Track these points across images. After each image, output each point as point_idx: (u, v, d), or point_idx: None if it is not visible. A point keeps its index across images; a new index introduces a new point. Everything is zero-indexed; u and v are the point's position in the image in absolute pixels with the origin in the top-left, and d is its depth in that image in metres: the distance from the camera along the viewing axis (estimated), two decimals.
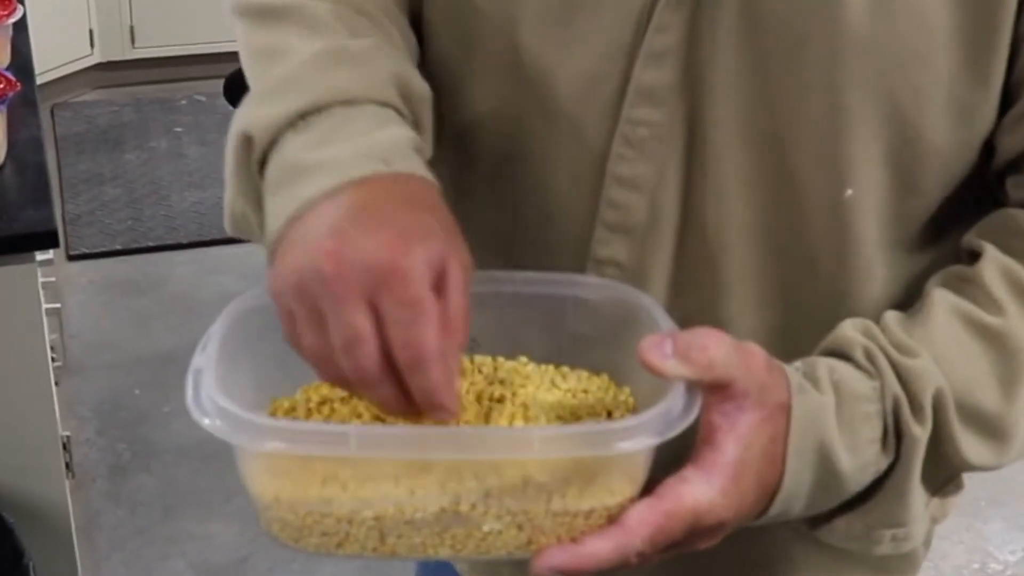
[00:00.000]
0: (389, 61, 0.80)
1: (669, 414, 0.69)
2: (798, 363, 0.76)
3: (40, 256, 1.78)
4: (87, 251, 3.68)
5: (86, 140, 4.31)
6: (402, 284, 0.66)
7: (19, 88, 1.80)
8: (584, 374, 0.80)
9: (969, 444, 0.77)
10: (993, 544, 2.75)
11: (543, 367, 0.80)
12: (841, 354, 0.78)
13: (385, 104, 0.78)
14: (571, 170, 0.86)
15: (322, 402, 0.75)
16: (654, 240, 0.85)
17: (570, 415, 0.76)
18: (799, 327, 0.83)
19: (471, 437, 0.70)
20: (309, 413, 0.75)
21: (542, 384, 0.78)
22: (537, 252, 0.90)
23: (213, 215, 3.86)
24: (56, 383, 2.52)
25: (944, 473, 0.80)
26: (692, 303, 0.86)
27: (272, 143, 0.75)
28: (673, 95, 0.81)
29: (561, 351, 0.81)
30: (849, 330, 0.78)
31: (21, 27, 2.23)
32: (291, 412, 0.75)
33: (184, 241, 3.75)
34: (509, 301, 0.81)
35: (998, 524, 2.80)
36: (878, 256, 0.84)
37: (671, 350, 0.71)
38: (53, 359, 2.47)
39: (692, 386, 0.71)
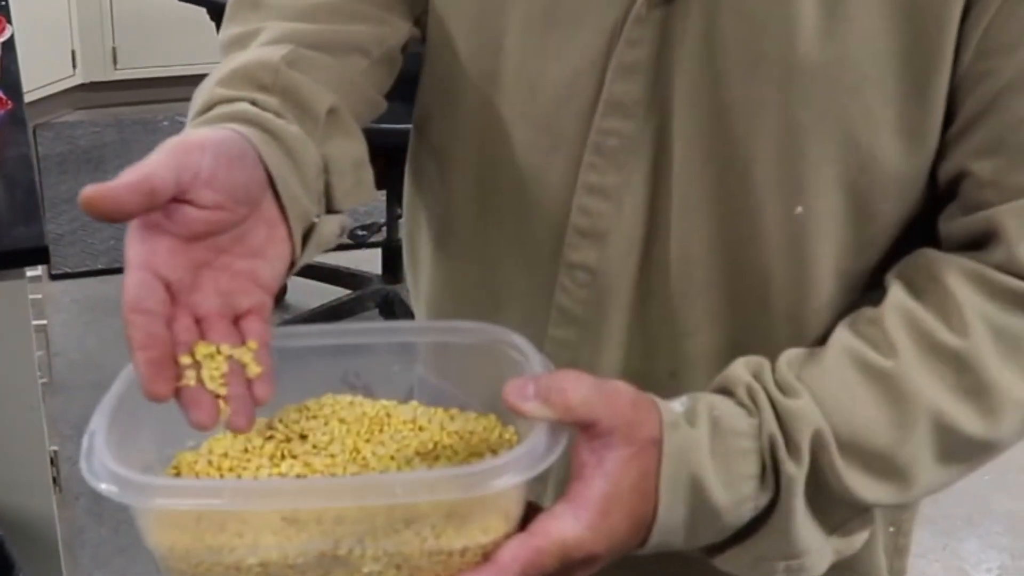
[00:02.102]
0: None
1: (532, 453, 0.71)
2: (684, 398, 0.79)
3: (29, 273, 1.80)
4: (70, 270, 3.69)
5: (68, 160, 4.32)
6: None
7: (10, 107, 1.81)
8: (472, 415, 0.82)
9: (860, 483, 0.79)
10: (969, 563, 2.78)
11: (432, 410, 0.83)
12: (727, 391, 0.80)
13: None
14: (548, 177, 0.89)
15: (223, 454, 0.79)
16: (622, 247, 0.87)
17: (452, 456, 0.79)
18: (752, 345, 0.85)
19: (338, 487, 0.73)
20: (210, 465, 0.78)
21: (427, 427, 0.81)
22: (514, 262, 0.93)
23: None
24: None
25: (839, 511, 0.81)
26: (655, 312, 0.89)
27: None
28: (642, 107, 0.84)
29: (448, 396, 0.84)
30: (740, 368, 0.80)
31: (9, 47, 2.24)
32: (194, 464, 0.78)
33: None
34: (400, 350, 0.86)
35: (974, 543, 2.83)
36: (831, 281, 0.86)
37: (532, 393, 0.73)
38: (39, 375, 2.49)
39: (556, 425, 0.74)
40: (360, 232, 3.35)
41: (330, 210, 0.83)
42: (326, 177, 0.82)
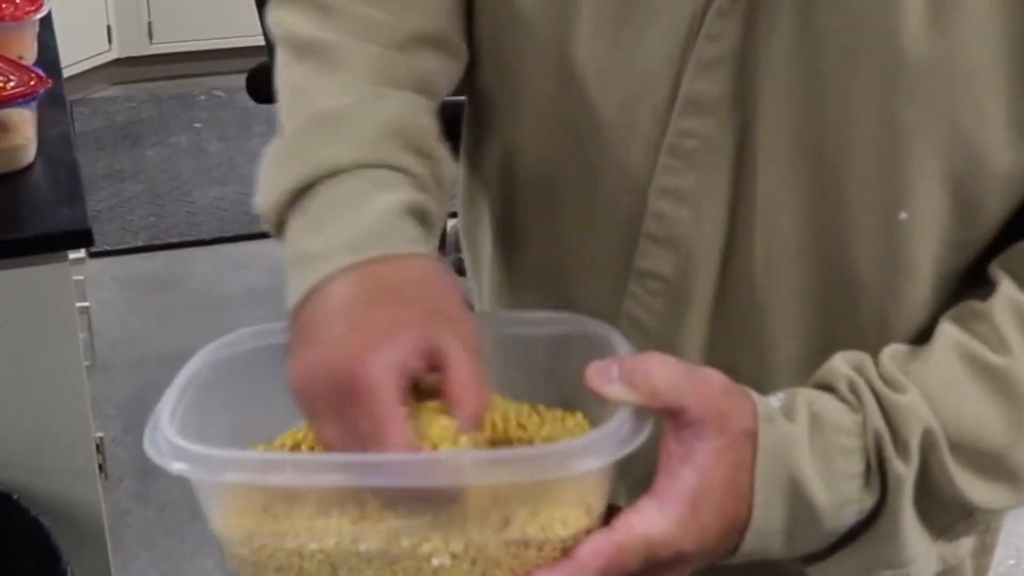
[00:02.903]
0: (383, 110, 0.80)
1: (615, 435, 0.67)
2: (781, 393, 0.74)
3: (72, 255, 1.76)
4: (109, 248, 3.66)
5: (105, 137, 4.29)
6: (364, 398, 0.66)
7: (50, 84, 1.77)
8: (558, 413, 0.77)
9: (972, 485, 0.74)
10: None
11: (516, 403, 0.77)
12: (827, 386, 0.75)
13: (377, 165, 0.77)
14: (618, 180, 0.83)
15: (295, 446, 0.74)
16: (699, 254, 0.82)
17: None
18: (839, 352, 0.79)
19: (403, 465, 0.67)
20: None
21: (511, 418, 0.76)
22: (582, 266, 0.88)
23: (235, 210, 3.85)
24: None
25: (947, 514, 0.76)
26: (735, 321, 0.84)
27: (280, 224, 0.78)
28: (723, 106, 0.78)
29: (536, 389, 0.79)
30: (839, 362, 0.75)
31: (46, 23, 2.20)
32: None
33: (206, 237, 3.75)
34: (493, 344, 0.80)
35: None
36: (929, 284, 0.80)
37: (616, 375, 0.69)
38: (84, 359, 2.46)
39: (642, 411, 0.69)
40: None
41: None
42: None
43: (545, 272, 0.91)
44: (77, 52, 4.32)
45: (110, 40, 4.57)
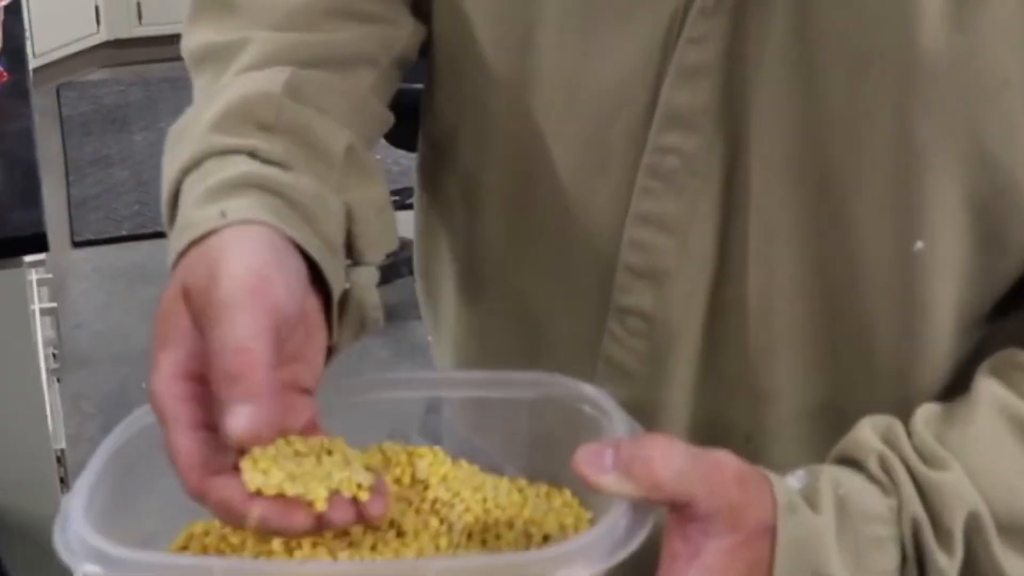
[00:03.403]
0: (222, 98, 0.71)
1: (608, 538, 0.58)
2: (800, 472, 0.64)
3: (28, 258, 1.68)
4: (92, 237, 3.58)
5: (92, 121, 4.20)
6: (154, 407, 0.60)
7: (5, 79, 1.68)
8: (543, 489, 0.68)
9: (1020, 569, 0.65)
10: None
11: (495, 479, 0.68)
12: (854, 462, 0.66)
13: (210, 155, 0.69)
14: (592, 203, 0.75)
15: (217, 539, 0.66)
16: (685, 289, 0.73)
17: (515, 542, 0.65)
18: (849, 407, 0.71)
19: (353, 573, 0.60)
20: (223, 540, 0.65)
21: (489, 498, 0.67)
22: (555, 302, 0.80)
23: None
24: (58, 380, 2.43)
25: None
26: (728, 366, 0.75)
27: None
28: (709, 120, 0.70)
29: (516, 461, 0.71)
30: (866, 432, 0.66)
31: (14, 10, 2.11)
32: (204, 538, 0.65)
33: None
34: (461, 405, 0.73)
35: None
36: (949, 324, 0.71)
37: (610, 462, 0.59)
38: (55, 355, 2.38)
39: (641, 504, 0.60)
40: (392, 198, 3.20)
41: (354, 264, 0.70)
42: (349, 227, 0.69)
43: (513, 308, 0.83)
44: (65, 35, 4.24)
45: (98, 22, 4.47)
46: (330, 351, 0.66)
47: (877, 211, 0.68)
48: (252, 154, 0.68)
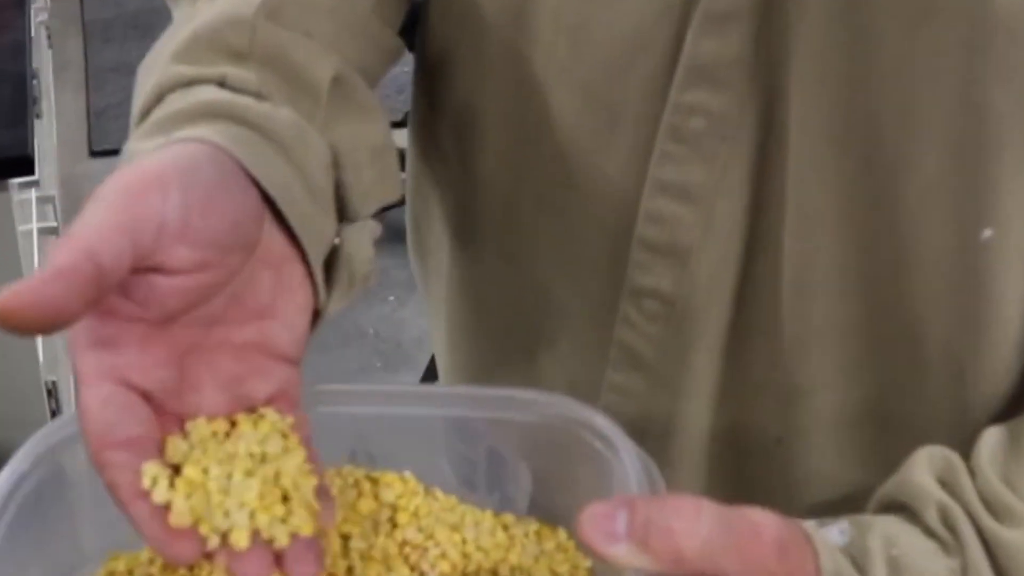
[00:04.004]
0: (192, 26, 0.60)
1: None
2: (844, 523, 0.53)
3: (18, 180, 1.58)
4: (111, 147, 3.48)
5: (114, 26, 4.09)
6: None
7: None
8: (533, 527, 0.59)
9: None
10: None
11: (475, 512, 0.59)
12: (907, 509, 0.55)
13: (173, 88, 0.58)
14: (604, 169, 0.64)
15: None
16: (711, 269, 0.63)
17: None
18: (896, 408, 0.62)
19: None
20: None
21: (469, 540, 0.57)
22: (561, 282, 0.70)
23: None
24: None
25: None
26: (757, 358, 0.65)
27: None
28: (740, 75, 0.59)
29: (505, 494, 0.62)
30: (921, 472, 0.55)
31: None
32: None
33: None
34: (429, 426, 0.62)
35: None
36: (1017, 323, 0.60)
37: (624, 528, 0.48)
38: None
39: None
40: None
41: (344, 218, 0.59)
42: (337, 174, 0.59)
43: (514, 288, 0.73)
44: None
45: None
46: (317, 316, 0.56)
47: (935, 191, 0.57)
48: (221, 83, 0.57)
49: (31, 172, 1.49)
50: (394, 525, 0.57)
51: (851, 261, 0.60)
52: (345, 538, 0.56)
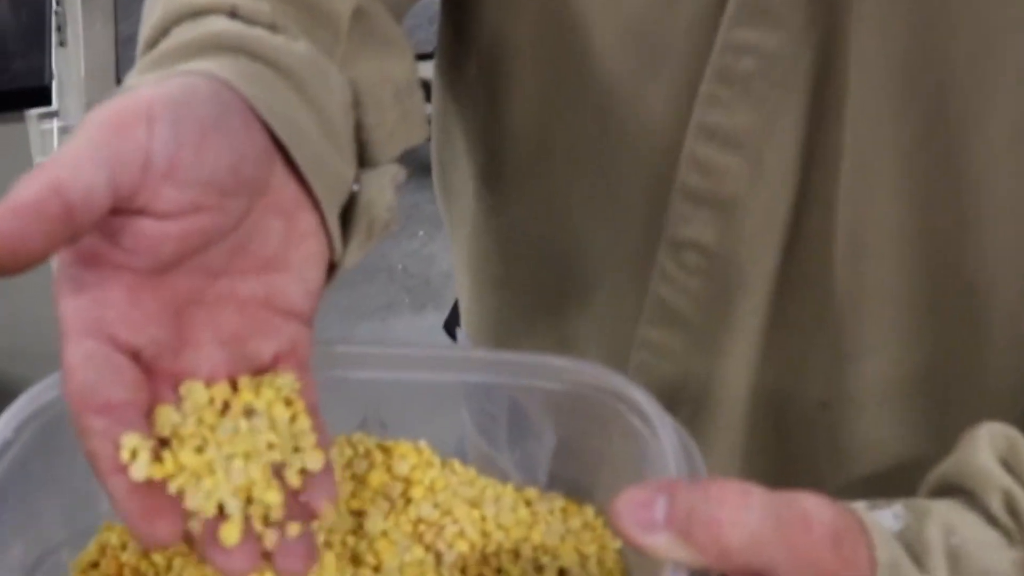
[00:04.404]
0: None
1: None
2: (899, 507, 0.48)
3: (37, 111, 1.54)
4: None
5: None
6: None
7: None
8: (559, 503, 0.54)
9: None
10: None
11: (495, 486, 0.54)
12: (967, 493, 0.49)
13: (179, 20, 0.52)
14: (643, 111, 0.60)
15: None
16: (758, 221, 0.59)
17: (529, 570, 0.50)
18: (954, 376, 0.58)
19: None
20: (146, 558, 0.51)
21: (489, 517, 0.52)
22: (594, 232, 0.65)
23: None
24: None
25: None
26: (805, 318, 0.61)
27: None
28: (797, 12, 0.54)
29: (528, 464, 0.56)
30: (983, 453, 0.49)
31: None
32: (119, 553, 0.51)
33: None
34: (449, 393, 0.56)
35: None
36: None
37: (663, 516, 0.43)
38: None
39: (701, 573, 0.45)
40: None
41: (365, 163, 0.54)
42: (357, 115, 0.54)
43: (543, 237, 0.68)
44: None
45: None
46: (332, 269, 0.52)
47: (1007, 145, 0.52)
48: (232, 14, 0.52)
49: (48, 102, 1.45)
50: (408, 500, 0.52)
51: (910, 219, 0.56)
52: (355, 515, 0.52)
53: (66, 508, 0.44)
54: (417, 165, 0.58)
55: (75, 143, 0.42)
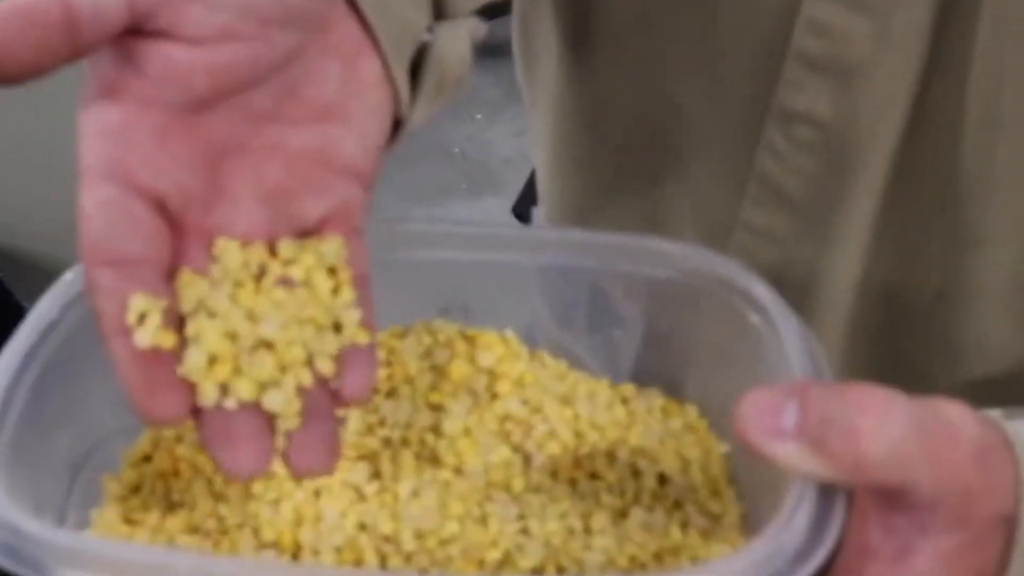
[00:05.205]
0: None
1: (780, 551, 0.38)
2: None
3: None
4: None
5: None
6: None
7: None
8: (658, 401, 0.49)
9: None
10: None
11: (589, 382, 0.49)
12: None
13: None
14: None
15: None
16: (880, 91, 0.53)
17: (617, 484, 0.45)
18: None
19: None
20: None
21: (583, 415, 0.47)
22: (691, 92, 0.59)
23: None
24: None
25: None
26: (926, 199, 0.55)
27: None
28: None
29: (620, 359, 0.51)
30: None
31: None
32: (175, 445, 0.46)
33: None
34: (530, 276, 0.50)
35: None
36: None
37: (794, 424, 0.39)
38: None
39: (830, 488, 0.40)
40: None
41: (441, 15, 0.48)
42: None
43: (636, 105, 0.63)
44: None
45: None
46: (398, 126, 0.46)
47: None
48: None
49: None
50: (493, 395, 0.48)
51: None
52: (434, 409, 0.47)
53: (117, 395, 0.40)
54: (477, 46, 0.52)
55: None
